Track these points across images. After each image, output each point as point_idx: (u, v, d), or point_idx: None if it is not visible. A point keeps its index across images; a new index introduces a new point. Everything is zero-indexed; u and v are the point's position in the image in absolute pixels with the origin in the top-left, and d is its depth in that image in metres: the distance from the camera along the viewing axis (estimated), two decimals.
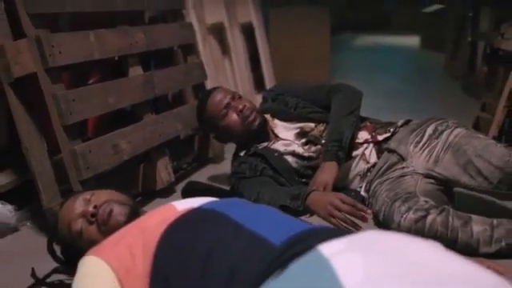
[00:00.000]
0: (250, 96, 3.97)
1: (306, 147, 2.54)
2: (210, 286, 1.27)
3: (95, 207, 1.72)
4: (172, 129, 2.94)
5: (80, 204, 1.76)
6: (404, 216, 2.06)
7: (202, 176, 3.14)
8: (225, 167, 3.26)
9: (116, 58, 2.81)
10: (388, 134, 2.51)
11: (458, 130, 2.34)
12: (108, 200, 1.75)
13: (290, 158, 2.52)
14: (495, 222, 1.99)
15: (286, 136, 2.60)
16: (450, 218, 2.01)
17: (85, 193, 1.82)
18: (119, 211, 1.72)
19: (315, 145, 2.53)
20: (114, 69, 2.99)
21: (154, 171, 2.78)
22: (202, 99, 2.69)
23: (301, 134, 2.59)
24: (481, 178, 2.18)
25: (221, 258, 1.31)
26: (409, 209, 2.07)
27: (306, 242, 1.21)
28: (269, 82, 4.56)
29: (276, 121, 2.66)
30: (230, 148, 3.43)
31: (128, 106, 2.82)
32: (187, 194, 2.54)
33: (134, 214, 1.73)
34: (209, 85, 3.55)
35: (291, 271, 1.12)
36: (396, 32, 12.81)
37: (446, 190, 2.30)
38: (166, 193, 2.84)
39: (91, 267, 1.51)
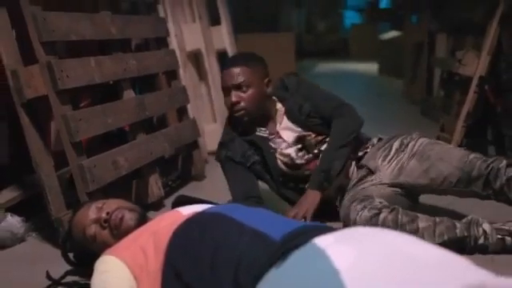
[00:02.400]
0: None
1: (300, 154, 2.66)
2: (219, 277, 1.43)
3: (108, 214, 1.87)
4: (161, 148, 3.14)
5: (93, 211, 1.91)
6: (359, 214, 2.30)
7: (186, 192, 3.17)
8: (207, 184, 3.48)
9: (111, 82, 3.02)
10: (364, 152, 2.69)
11: (421, 140, 2.57)
12: (119, 207, 1.90)
13: (282, 160, 2.65)
14: (437, 219, 2.24)
15: (287, 137, 2.68)
16: (400, 216, 2.26)
17: (97, 201, 1.97)
18: (130, 217, 1.88)
19: (308, 153, 2.67)
20: (104, 93, 3.18)
21: (146, 186, 2.97)
22: None
23: (300, 138, 2.67)
24: (441, 179, 2.42)
25: (227, 252, 1.45)
26: (364, 207, 2.31)
27: (303, 236, 1.34)
28: None
29: (285, 118, 2.70)
30: (211, 167, 3.64)
31: (115, 129, 2.99)
32: (178, 206, 2.69)
33: (142, 220, 1.90)
34: (189, 108, 3.77)
35: (291, 261, 1.28)
36: (354, 59, 12.80)
37: (409, 197, 2.54)
38: (156, 206, 3.00)
39: (109, 265, 1.66)
